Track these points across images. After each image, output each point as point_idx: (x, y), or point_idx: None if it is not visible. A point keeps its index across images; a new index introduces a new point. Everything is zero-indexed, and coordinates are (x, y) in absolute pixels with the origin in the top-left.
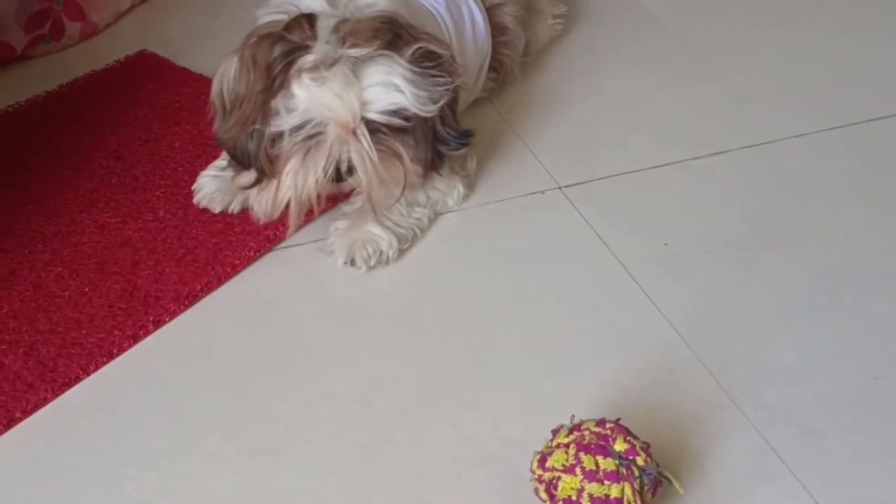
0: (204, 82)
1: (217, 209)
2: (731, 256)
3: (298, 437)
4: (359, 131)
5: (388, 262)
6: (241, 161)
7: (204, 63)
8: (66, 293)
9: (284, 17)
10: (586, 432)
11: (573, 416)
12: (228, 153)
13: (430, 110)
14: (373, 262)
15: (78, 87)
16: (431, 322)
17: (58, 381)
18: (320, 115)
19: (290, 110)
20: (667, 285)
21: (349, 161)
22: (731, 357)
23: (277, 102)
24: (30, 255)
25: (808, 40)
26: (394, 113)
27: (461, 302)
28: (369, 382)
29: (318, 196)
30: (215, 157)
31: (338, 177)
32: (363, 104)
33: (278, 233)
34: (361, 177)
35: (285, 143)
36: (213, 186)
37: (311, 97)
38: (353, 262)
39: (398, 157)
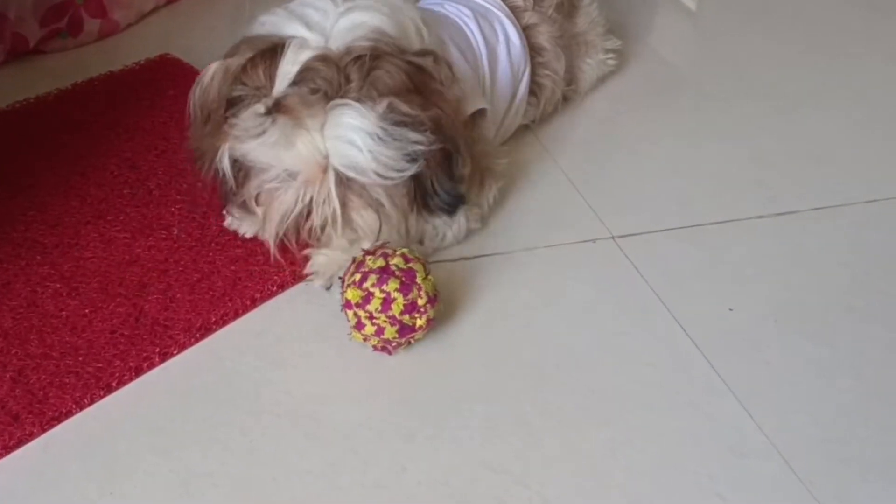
0: None
1: (248, 234)
2: (804, 329)
3: (322, 502)
4: (328, 175)
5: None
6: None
7: None
8: (64, 313)
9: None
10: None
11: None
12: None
13: (393, 176)
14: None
15: (93, 87)
16: (470, 380)
17: (47, 414)
18: (284, 164)
19: (251, 157)
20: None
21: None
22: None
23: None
24: (26, 266)
25: (882, 102)
26: (353, 169)
27: (500, 359)
28: (404, 446)
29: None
30: None
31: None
32: (325, 155)
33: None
34: (315, 220)
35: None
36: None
37: (267, 151)
38: (329, 288)
39: (376, 205)
